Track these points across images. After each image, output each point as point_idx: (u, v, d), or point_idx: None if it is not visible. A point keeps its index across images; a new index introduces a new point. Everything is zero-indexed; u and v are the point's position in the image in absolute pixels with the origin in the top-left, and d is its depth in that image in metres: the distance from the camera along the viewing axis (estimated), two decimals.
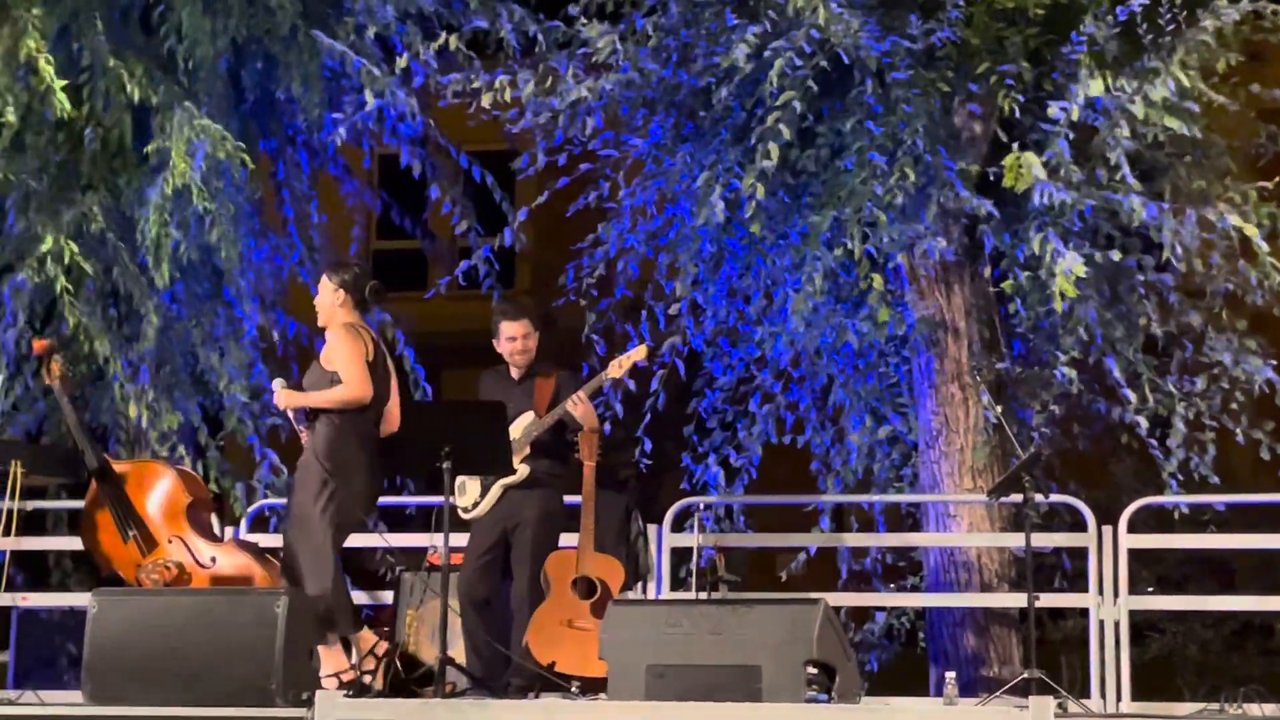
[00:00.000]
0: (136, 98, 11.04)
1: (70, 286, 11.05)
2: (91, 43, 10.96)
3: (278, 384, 8.50)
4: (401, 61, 10.89)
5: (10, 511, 8.23)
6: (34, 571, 11.55)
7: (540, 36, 10.91)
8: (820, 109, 10.14)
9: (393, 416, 8.54)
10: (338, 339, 8.46)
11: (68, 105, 10.71)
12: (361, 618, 8.64)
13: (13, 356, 11.19)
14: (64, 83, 10.70)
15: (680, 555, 10.09)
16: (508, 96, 10.52)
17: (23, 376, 11.36)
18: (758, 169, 9.60)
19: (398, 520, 11.67)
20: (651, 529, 9.59)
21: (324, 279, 8.59)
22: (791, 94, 9.64)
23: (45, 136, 11.32)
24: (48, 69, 10.64)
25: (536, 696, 8.10)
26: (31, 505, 10.08)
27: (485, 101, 10.47)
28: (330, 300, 8.55)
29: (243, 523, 10.31)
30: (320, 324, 8.62)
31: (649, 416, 10.99)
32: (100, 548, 8.89)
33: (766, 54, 9.78)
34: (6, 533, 8.19)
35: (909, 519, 11.51)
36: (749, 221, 9.82)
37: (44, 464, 8.75)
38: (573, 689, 8.01)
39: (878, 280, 9.74)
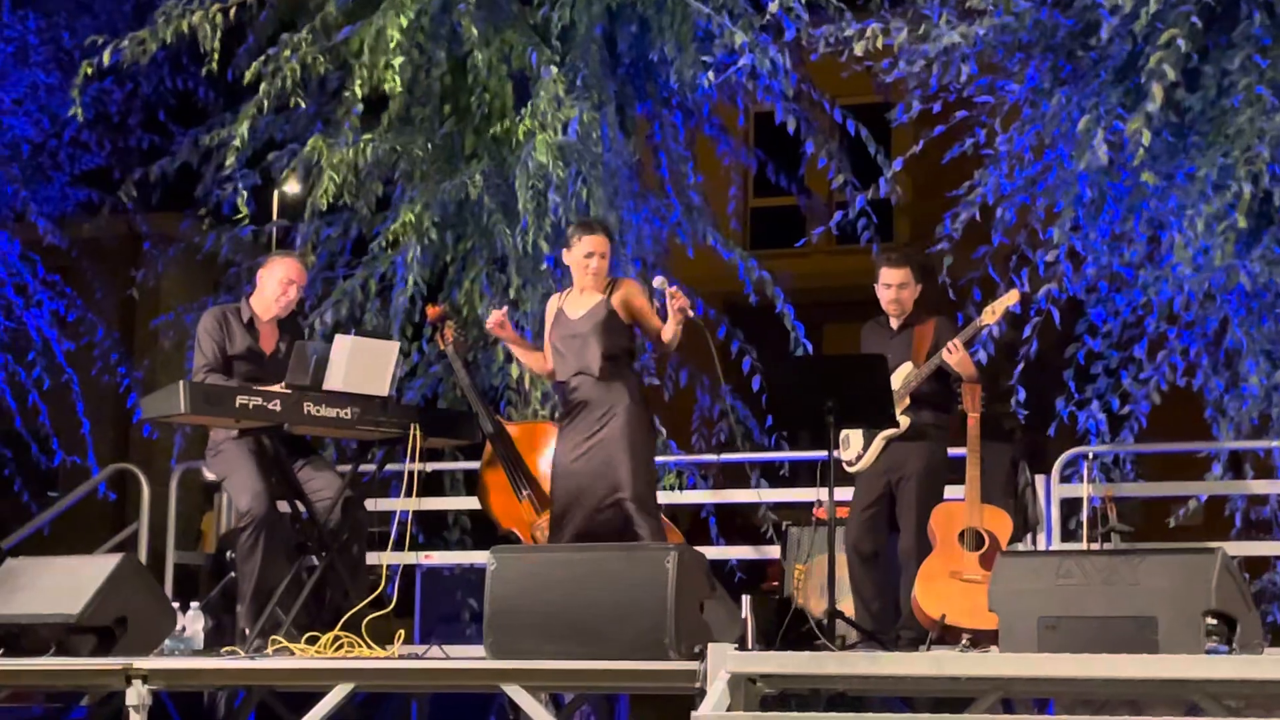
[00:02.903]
0: (515, 66, 11.30)
1: (458, 254, 11.38)
2: (470, 16, 11.23)
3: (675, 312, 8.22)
4: (773, 7, 10.85)
5: (411, 474, 8.50)
6: (434, 531, 11.93)
7: None
8: (1205, 45, 9.81)
9: None
10: (638, 293, 8.43)
11: (398, 82, 11.00)
12: None
13: (407, 323, 11.57)
14: (401, 60, 10.94)
15: (1069, 506, 9.93)
16: (879, 45, 10.45)
17: (418, 343, 11.76)
18: (1143, 111, 9.33)
19: (775, 476, 11.76)
20: (1039, 479, 9.46)
21: (600, 238, 8.37)
22: (1174, 31, 9.34)
23: (430, 109, 11.67)
24: (392, 40, 10.92)
25: (928, 649, 8.07)
26: (430, 467, 10.45)
27: (858, 50, 10.41)
28: (606, 260, 8.41)
29: None
30: (591, 286, 8.40)
31: (1022, 365, 10.82)
32: (495, 507, 9.15)
33: None
34: (408, 494, 8.46)
35: None
36: (1135, 166, 9.55)
37: (441, 427, 9.00)
38: (964, 641, 7.97)
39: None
